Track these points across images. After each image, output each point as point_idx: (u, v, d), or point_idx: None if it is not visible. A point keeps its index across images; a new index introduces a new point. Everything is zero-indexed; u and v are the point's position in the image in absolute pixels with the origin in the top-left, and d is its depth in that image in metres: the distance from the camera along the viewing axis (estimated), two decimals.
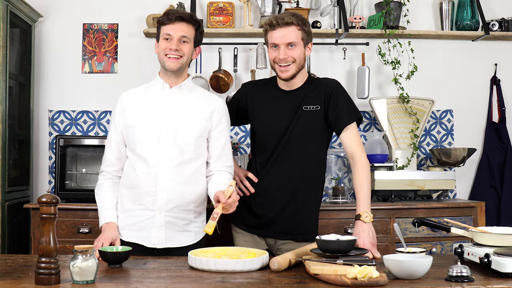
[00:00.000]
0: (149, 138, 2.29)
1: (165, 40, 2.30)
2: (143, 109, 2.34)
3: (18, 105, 3.53)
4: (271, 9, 3.65)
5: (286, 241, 2.38)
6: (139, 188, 2.28)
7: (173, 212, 2.28)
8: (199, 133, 2.32)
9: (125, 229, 2.30)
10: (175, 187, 2.27)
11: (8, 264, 1.91)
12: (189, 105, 2.35)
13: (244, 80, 3.77)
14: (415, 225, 2.11)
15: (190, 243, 2.32)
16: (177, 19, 2.30)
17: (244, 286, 1.62)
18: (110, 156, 2.39)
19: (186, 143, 2.29)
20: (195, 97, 2.38)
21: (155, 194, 2.26)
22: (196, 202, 2.33)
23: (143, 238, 2.28)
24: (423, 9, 3.91)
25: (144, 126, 2.30)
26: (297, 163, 2.36)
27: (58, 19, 3.77)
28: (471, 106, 3.91)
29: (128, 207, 2.31)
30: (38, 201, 1.62)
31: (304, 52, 2.35)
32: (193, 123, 2.32)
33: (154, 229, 2.27)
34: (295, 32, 2.29)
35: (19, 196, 3.41)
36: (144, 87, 2.44)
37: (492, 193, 3.80)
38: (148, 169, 2.27)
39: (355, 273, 1.61)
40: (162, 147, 2.28)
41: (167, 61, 2.31)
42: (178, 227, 2.30)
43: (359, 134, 2.36)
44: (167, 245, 2.28)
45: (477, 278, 1.68)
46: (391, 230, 3.22)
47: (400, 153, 3.67)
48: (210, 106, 2.36)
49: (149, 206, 2.27)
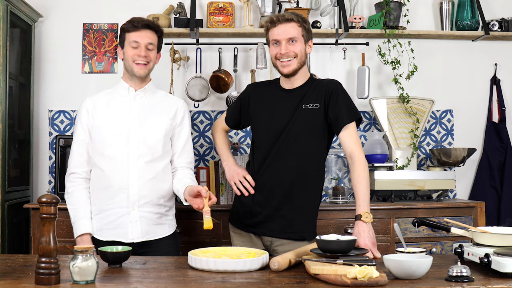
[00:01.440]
0: (118, 139, 2.41)
1: (133, 48, 2.43)
2: (109, 111, 2.47)
3: (18, 105, 3.53)
4: (271, 9, 3.65)
5: (283, 241, 2.38)
6: (111, 186, 2.39)
7: (146, 207, 2.41)
8: (166, 131, 2.48)
9: (102, 230, 2.41)
10: (146, 184, 2.40)
11: (8, 264, 1.91)
12: (154, 105, 2.50)
13: (244, 80, 3.77)
14: (415, 225, 2.11)
15: (165, 234, 2.46)
16: (143, 26, 2.45)
17: (244, 286, 1.62)
18: (79, 157, 2.47)
19: (156, 141, 2.44)
20: (158, 99, 2.55)
21: (127, 192, 2.38)
22: (165, 197, 2.47)
23: (121, 235, 2.38)
24: (423, 9, 3.91)
25: (111, 127, 2.43)
26: (294, 161, 2.37)
27: (58, 19, 3.77)
28: (471, 106, 3.91)
29: (102, 208, 2.42)
30: (38, 201, 1.63)
31: (305, 49, 2.38)
32: (160, 122, 2.47)
33: (130, 225, 2.39)
34: (296, 28, 2.35)
35: (19, 196, 3.41)
36: (108, 91, 2.56)
37: (492, 193, 3.80)
38: (119, 169, 2.39)
39: (355, 273, 1.61)
40: (131, 147, 2.41)
41: (135, 68, 2.44)
42: (152, 220, 2.43)
43: (358, 134, 2.36)
44: (144, 238, 2.40)
45: (477, 278, 1.68)
46: (391, 230, 3.22)
47: (400, 153, 3.67)
48: (173, 105, 2.54)
49: (123, 203, 2.39)
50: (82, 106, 2.52)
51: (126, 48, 2.46)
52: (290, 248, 2.24)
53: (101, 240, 2.39)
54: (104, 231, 2.40)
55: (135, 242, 2.38)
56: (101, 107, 2.49)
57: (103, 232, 2.40)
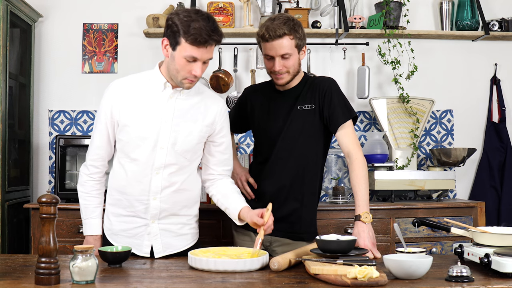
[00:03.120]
0: (145, 142, 2.13)
1: (187, 62, 2.04)
2: (139, 107, 2.14)
3: (18, 105, 3.53)
4: (271, 9, 3.65)
5: (282, 241, 2.38)
6: (131, 195, 2.17)
7: (167, 219, 2.21)
8: (199, 139, 2.21)
9: (118, 235, 2.22)
10: (168, 196, 2.18)
11: (8, 264, 1.91)
12: (190, 108, 2.18)
13: (244, 80, 3.77)
14: (415, 225, 2.11)
15: (187, 246, 2.26)
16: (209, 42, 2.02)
17: (244, 286, 1.62)
18: (98, 150, 2.20)
19: (186, 150, 2.18)
20: (197, 101, 2.21)
21: (147, 203, 2.16)
22: (188, 206, 2.26)
23: (135, 246, 2.18)
24: (423, 9, 3.91)
25: (139, 127, 2.13)
26: (293, 162, 2.36)
27: (58, 19, 3.77)
28: (471, 106, 3.91)
29: (119, 212, 2.21)
30: (38, 201, 1.62)
31: (299, 58, 2.36)
32: (194, 129, 2.18)
33: (146, 237, 2.19)
34: (288, 42, 2.28)
35: (19, 196, 3.41)
36: (140, 78, 2.20)
37: (492, 193, 3.80)
38: (141, 176, 2.15)
39: (355, 273, 1.61)
40: (158, 154, 2.14)
41: (185, 83, 2.10)
42: (173, 232, 2.23)
43: (355, 132, 2.35)
44: (165, 252, 2.20)
45: (477, 278, 1.68)
46: (391, 230, 3.22)
47: (400, 153, 3.67)
48: (212, 110, 2.23)
49: (141, 214, 2.18)
50: (107, 93, 2.18)
51: (178, 57, 2.04)
52: (290, 248, 2.24)
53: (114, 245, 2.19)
54: (120, 237, 2.21)
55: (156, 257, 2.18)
56: (129, 98, 2.15)
57: (118, 238, 2.22)
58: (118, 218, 2.22)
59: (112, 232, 2.24)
